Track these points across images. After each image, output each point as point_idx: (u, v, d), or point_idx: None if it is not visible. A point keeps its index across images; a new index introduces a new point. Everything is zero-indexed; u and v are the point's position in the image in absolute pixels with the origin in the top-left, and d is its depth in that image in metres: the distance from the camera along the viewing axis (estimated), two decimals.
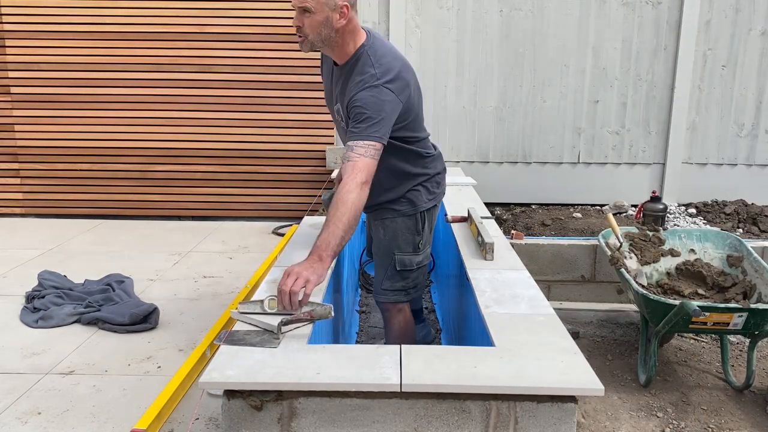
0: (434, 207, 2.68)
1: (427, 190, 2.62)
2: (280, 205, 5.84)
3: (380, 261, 2.67)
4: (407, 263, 2.60)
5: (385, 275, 2.64)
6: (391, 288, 2.63)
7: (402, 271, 2.61)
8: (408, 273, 2.62)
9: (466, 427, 1.68)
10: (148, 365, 3.04)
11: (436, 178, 2.67)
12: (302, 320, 1.96)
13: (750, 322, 2.72)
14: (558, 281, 4.01)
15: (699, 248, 3.37)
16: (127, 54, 5.56)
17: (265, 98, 5.65)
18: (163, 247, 4.99)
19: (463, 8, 5.55)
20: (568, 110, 5.73)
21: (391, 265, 2.61)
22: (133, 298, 3.77)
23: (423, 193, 2.61)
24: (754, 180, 5.84)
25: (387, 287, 2.64)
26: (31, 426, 2.51)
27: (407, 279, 2.63)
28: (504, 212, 5.62)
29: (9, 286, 4.07)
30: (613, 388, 2.97)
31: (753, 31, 5.57)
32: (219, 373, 1.70)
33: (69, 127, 5.71)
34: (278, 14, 5.49)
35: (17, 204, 5.88)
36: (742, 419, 2.73)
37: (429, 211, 2.64)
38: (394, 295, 2.64)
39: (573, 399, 1.66)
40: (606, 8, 5.55)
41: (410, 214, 2.59)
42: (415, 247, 2.61)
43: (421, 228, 2.61)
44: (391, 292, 2.64)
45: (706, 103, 5.72)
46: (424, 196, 2.61)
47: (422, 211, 2.60)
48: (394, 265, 2.60)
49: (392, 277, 2.62)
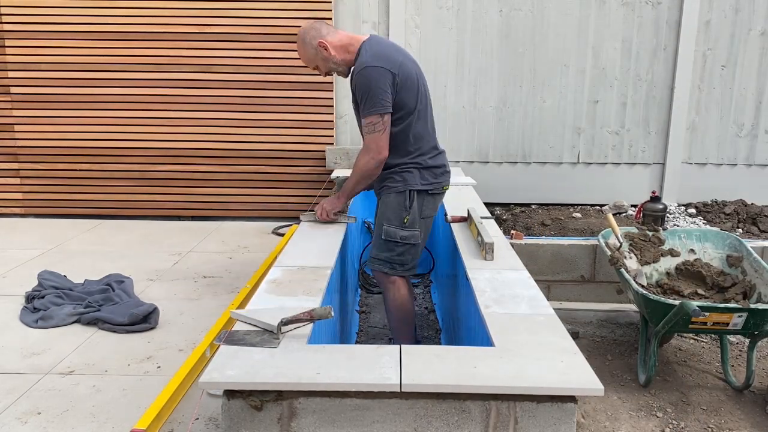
0: (426, 193, 2.90)
1: (420, 174, 2.87)
2: (279, 205, 5.84)
3: (375, 232, 2.97)
4: (392, 234, 2.86)
5: (374, 245, 2.95)
6: (377, 256, 2.91)
7: (387, 241, 2.87)
8: (393, 245, 2.87)
9: (466, 427, 1.68)
10: (148, 365, 3.04)
11: (433, 170, 2.91)
12: (302, 320, 1.96)
13: (750, 322, 2.72)
14: (558, 281, 4.01)
15: (699, 248, 3.37)
16: (127, 54, 5.56)
17: (265, 98, 5.65)
18: (163, 247, 4.99)
19: (463, 8, 5.55)
20: (567, 110, 5.73)
21: (379, 234, 2.90)
22: (132, 298, 3.77)
23: (416, 175, 2.86)
24: (753, 180, 5.84)
25: (374, 255, 2.93)
26: (31, 426, 2.51)
27: (392, 251, 2.87)
28: (504, 212, 5.62)
29: (9, 286, 4.07)
30: (612, 388, 2.97)
31: (753, 31, 5.58)
32: (219, 373, 1.70)
33: (69, 127, 5.71)
34: (278, 14, 5.50)
35: (17, 204, 5.88)
36: (741, 419, 2.73)
37: (419, 193, 2.87)
38: (379, 264, 2.91)
39: (573, 399, 1.66)
40: (606, 8, 5.55)
41: (401, 190, 2.86)
42: (401, 222, 2.86)
43: (409, 206, 2.85)
44: (377, 260, 2.91)
45: (705, 103, 5.72)
46: (416, 178, 2.86)
47: (411, 189, 2.85)
48: (380, 235, 2.89)
49: (379, 246, 2.91)
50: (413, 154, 2.85)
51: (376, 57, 2.72)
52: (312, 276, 2.48)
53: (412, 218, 2.85)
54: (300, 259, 2.69)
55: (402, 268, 2.90)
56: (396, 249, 2.86)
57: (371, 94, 2.69)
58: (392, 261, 2.88)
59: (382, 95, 2.68)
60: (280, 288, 2.35)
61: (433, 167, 2.90)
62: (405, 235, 2.85)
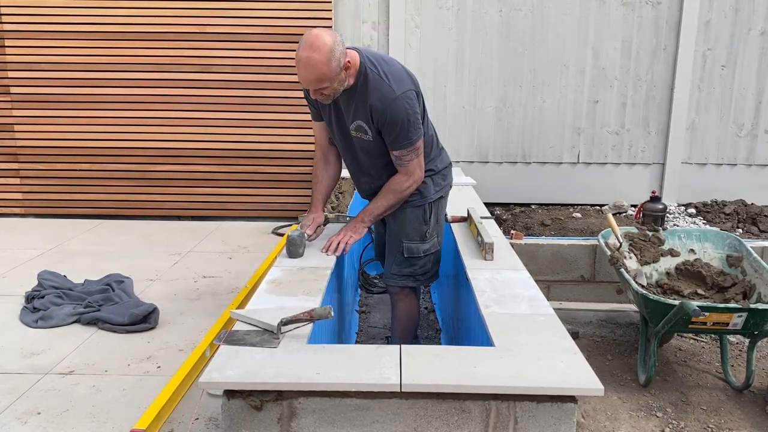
0: (441, 198, 2.87)
1: (433, 183, 2.80)
2: (279, 205, 5.84)
3: (390, 248, 2.87)
4: (414, 251, 2.79)
5: (394, 261, 2.84)
6: (399, 273, 2.84)
7: (409, 258, 2.80)
8: (415, 260, 2.81)
9: (465, 427, 1.68)
10: (148, 365, 3.04)
11: (443, 172, 2.86)
12: (302, 320, 1.96)
13: (749, 322, 2.72)
14: (558, 281, 4.01)
15: (699, 248, 3.37)
16: (127, 54, 5.56)
17: (265, 98, 5.65)
18: (163, 247, 4.99)
19: (463, 8, 5.55)
20: (567, 110, 5.73)
21: (400, 252, 2.81)
22: (132, 298, 3.77)
23: (430, 186, 2.79)
24: (753, 180, 5.84)
25: (395, 272, 2.84)
26: (30, 426, 2.51)
27: (415, 266, 2.82)
28: (504, 212, 5.62)
29: (9, 286, 4.06)
30: (612, 388, 2.97)
31: (753, 31, 5.58)
32: (219, 373, 1.70)
33: (69, 127, 5.71)
34: (278, 14, 5.49)
35: (17, 204, 5.88)
36: (741, 419, 2.73)
37: (436, 202, 2.82)
38: (401, 280, 2.85)
39: (573, 399, 1.66)
40: (606, 8, 5.55)
41: (418, 204, 2.77)
42: (422, 236, 2.79)
43: (428, 218, 2.79)
44: (398, 277, 2.84)
45: (705, 103, 5.73)
46: (431, 188, 2.79)
47: (429, 202, 2.79)
48: (402, 252, 2.80)
49: (400, 263, 2.82)
50: (425, 162, 2.73)
51: (398, 82, 2.51)
52: (312, 276, 2.48)
53: (432, 230, 2.82)
54: (300, 259, 2.69)
55: (425, 277, 2.87)
56: (418, 263, 2.82)
57: (411, 123, 2.52)
58: (415, 274, 2.84)
59: (418, 119, 2.56)
60: (280, 288, 2.35)
61: (443, 169, 2.86)
62: (427, 248, 2.81)
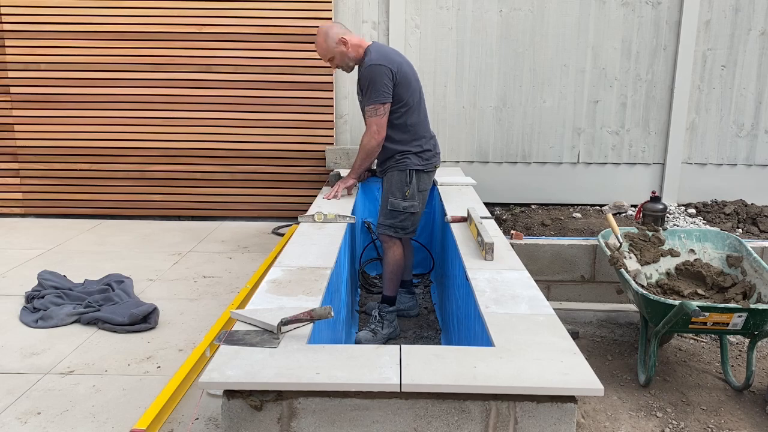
0: (423, 171, 3.53)
1: (416, 156, 3.52)
2: (279, 205, 5.84)
3: (381, 204, 3.61)
4: (396, 205, 3.50)
5: (382, 213, 3.58)
6: (384, 223, 3.55)
7: (392, 210, 3.52)
8: (396, 213, 3.51)
9: (465, 427, 1.68)
10: (148, 365, 3.04)
11: (426, 154, 3.55)
12: (302, 320, 1.96)
13: (749, 322, 2.72)
14: (558, 281, 4.01)
15: (699, 248, 3.37)
16: (127, 54, 5.56)
17: (265, 98, 5.65)
18: (163, 247, 4.99)
19: (463, 8, 5.55)
20: (567, 110, 5.73)
21: (385, 205, 3.54)
22: (132, 298, 3.77)
23: (413, 158, 3.51)
24: (753, 180, 5.84)
25: (381, 222, 3.57)
26: (30, 426, 2.51)
27: (395, 218, 3.52)
28: (504, 212, 5.62)
29: (9, 286, 4.06)
30: (612, 388, 2.97)
31: (753, 31, 5.58)
32: (219, 373, 1.70)
33: (69, 127, 5.71)
34: (278, 14, 5.49)
35: (17, 204, 5.88)
36: (741, 419, 2.73)
37: (417, 172, 3.51)
38: (385, 229, 3.54)
39: (573, 399, 1.66)
40: (606, 8, 5.55)
41: (402, 169, 3.50)
42: (403, 195, 3.49)
43: (409, 181, 3.49)
44: (383, 226, 3.55)
45: (705, 103, 5.72)
46: (414, 160, 3.51)
47: (410, 169, 3.49)
48: (386, 206, 3.53)
49: (385, 214, 3.54)
50: (410, 141, 3.49)
51: (381, 56, 3.38)
52: (312, 276, 2.48)
53: (411, 191, 3.50)
54: (300, 259, 2.70)
55: (403, 231, 3.55)
56: (399, 216, 3.51)
57: (376, 86, 3.32)
58: (395, 226, 3.52)
59: (384, 88, 3.33)
60: (280, 288, 2.35)
61: (426, 151, 3.54)
62: (406, 205, 3.50)
